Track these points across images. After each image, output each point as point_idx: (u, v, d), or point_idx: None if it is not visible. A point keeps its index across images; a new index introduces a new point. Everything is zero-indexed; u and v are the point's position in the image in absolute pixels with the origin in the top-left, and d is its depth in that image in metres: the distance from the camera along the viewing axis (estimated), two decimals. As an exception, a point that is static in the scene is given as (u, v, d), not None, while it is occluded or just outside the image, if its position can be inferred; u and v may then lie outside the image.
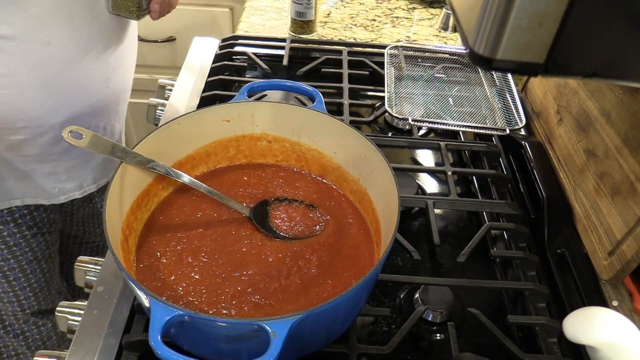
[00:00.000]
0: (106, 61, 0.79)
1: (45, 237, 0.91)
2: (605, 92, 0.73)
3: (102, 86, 0.81)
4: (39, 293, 0.96)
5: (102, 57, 0.78)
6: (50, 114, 0.75)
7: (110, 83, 0.82)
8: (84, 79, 0.77)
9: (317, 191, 0.70)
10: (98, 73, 0.79)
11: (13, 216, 0.83)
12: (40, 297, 0.97)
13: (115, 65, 0.82)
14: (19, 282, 0.92)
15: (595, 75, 0.35)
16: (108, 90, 0.83)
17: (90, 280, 0.69)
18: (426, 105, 0.93)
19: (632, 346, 0.54)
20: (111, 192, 0.56)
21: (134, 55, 0.89)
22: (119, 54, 0.83)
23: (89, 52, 0.76)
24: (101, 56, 0.78)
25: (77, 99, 0.78)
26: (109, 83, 0.82)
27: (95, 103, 0.81)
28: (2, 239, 0.85)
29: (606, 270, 0.67)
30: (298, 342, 0.49)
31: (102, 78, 0.80)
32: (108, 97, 0.83)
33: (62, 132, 0.56)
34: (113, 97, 0.85)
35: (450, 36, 1.26)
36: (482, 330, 0.63)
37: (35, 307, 0.96)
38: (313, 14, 1.17)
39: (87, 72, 0.77)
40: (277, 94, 0.97)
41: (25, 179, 0.81)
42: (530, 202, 0.81)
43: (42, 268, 0.94)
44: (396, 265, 0.73)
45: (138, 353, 0.59)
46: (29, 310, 0.96)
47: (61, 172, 0.83)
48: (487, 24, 0.33)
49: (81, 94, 0.78)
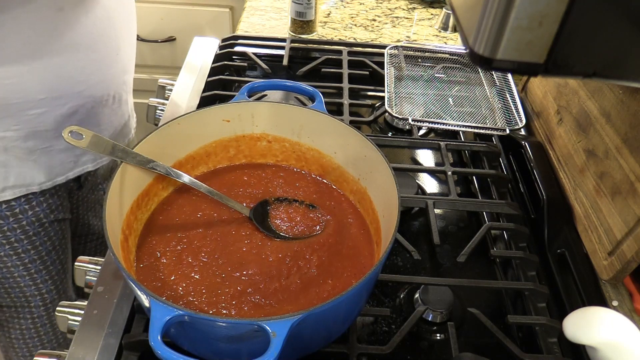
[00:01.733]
0: (116, 29, 0.81)
1: (61, 224, 0.92)
2: (605, 92, 0.73)
3: (113, 54, 0.82)
4: (59, 286, 0.96)
5: (112, 25, 0.80)
6: (68, 84, 0.77)
7: (120, 51, 0.84)
8: (97, 46, 0.79)
9: (317, 191, 0.70)
10: (109, 40, 0.80)
11: (30, 204, 0.84)
12: (61, 290, 0.97)
13: (124, 34, 0.84)
14: (41, 275, 0.92)
15: (595, 75, 0.35)
16: (118, 59, 0.84)
17: (90, 280, 0.69)
18: (426, 105, 0.93)
19: (632, 346, 0.54)
20: (111, 192, 0.56)
21: (135, 26, 0.91)
22: (127, 23, 0.85)
23: (101, 20, 0.77)
24: (112, 24, 0.80)
25: (92, 67, 0.79)
26: (119, 52, 0.84)
27: (106, 72, 0.82)
28: (21, 228, 0.85)
29: (606, 270, 0.67)
30: (298, 342, 0.50)
31: (114, 45, 0.82)
32: (118, 66, 0.85)
33: (62, 133, 0.56)
34: (122, 67, 0.87)
35: (450, 36, 1.26)
36: (482, 330, 0.63)
37: (56, 300, 0.97)
38: (313, 14, 1.17)
39: (101, 39, 0.79)
40: (277, 94, 0.97)
41: (42, 159, 0.81)
42: (530, 202, 0.81)
43: (60, 259, 0.94)
44: (396, 265, 0.73)
45: (138, 353, 0.59)
46: (50, 305, 0.96)
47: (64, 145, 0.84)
48: (487, 24, 0.33)
49: (94, 62, 0.79)
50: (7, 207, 0.82)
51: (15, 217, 0.83)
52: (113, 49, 0.82)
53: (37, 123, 0.77)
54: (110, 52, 0.82)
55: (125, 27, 0.85)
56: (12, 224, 0.83)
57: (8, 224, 0.83)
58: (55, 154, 0.82)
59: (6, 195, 0.80)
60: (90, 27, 0.76)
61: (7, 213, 0.82)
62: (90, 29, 0.76)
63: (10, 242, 0.85)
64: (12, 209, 0.82)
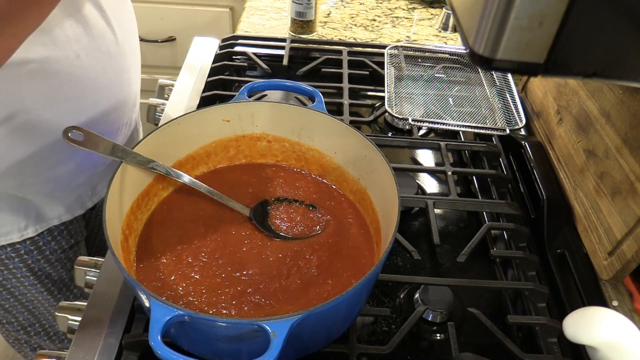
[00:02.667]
0: (127, 59, 0.80)
1: (80, 245, 0.92)
2: (605, 92, 0.73)
3: (126, 86, 0.82)
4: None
5: (124, 58, 0.79)
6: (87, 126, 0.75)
7: (132, 81, 0.84)
8: (112, 86, 0.77)
9: (317, 191, 0.70)
10: (122, 73, 0.80)
11: (52, 234, 0.84)
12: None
13: (133, 62, 0.83)
14: (63, 294, 0.92)
15: (595, 75, 0.35)
16: (130, 90, 0.84)
17: (90, 280, 0.69)
18: (426, 105, 0.93)
19: (632, 346, 0.54)
20: (111, 192, 0.56)
21: (138, 44, 0.90)
22: (134, 48, 0.84)
23: (115, 57, 0.76)
24: (124, 57, 0.79)
25: (107, 105, 0.77)
26: (131, 82, 0.83)
27: (122, 107, 0.82)
28: (44, 258, 0.85)
29: (606, 270, 0.67)
30: (298, 342, 0.50)
31: (126, 78, 0.81)
32: (130, 96, 0.85)
33: (61, 133, 0.56)
34: (133, 95, 0.86)
35: (450, 36, 1.26)
36: (482, 330, 0.63)
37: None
38: (313, 14, 1.17)
39: (115, 76, 0.78)
40: (277, 94, 0.97)
41: (62, 196, 0.81)
42: (530, 202, 0.81)
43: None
44: (396, 265, 0.73)
45: (138, 353, 0.59)
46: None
47: (94, 176, 0.84)
48: (487, 24, 0.33)
49: (110, 100, 0.78)
50: (31, 242, 0.81)
51: (39, 249, 0.83)
52: (126, 82, 0.81)
53: (56, 168, 0.76)
54: (124, 86, 0.81)
55: (133, 55, 0.84)
56: (36, 256, 0.83)
57: (32, 257, 0.83)
58: (74, 189, 0.81)
59: (29, 232, 0.80)
60: (106, 67, 0.75)
61: (31, 248, 0.82)
62: (106, 69, 0.75)
63: (35, 272, 0.85)
64: (36, 243, 0.82)
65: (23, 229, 0.79)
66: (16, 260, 0.82)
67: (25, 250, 0.82)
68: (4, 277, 0.83)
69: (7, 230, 0.77)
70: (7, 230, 0.78)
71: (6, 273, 0.83)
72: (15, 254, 0.81)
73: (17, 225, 0.78)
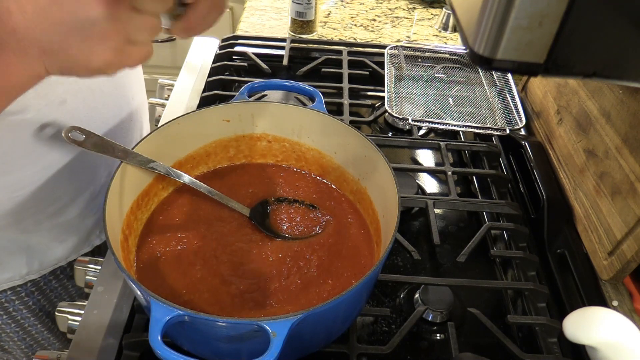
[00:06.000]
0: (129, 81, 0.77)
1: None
2: (605, 92, 0.73)
3: (124, 105, 0.77)
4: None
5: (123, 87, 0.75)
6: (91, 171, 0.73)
7: (133, 100, 0.80)
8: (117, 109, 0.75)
9: (317, 191, 0.70)
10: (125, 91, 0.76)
11: (55, 274, 0.81)
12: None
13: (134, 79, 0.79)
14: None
15: (595, 75, 0.35)
16: (130, 107, 0.79)
17: (90, 280, 0.69)
18: (426, 105, 0.93)
19: (632, 346, 0.54)
20: (111, 192, 0.55)
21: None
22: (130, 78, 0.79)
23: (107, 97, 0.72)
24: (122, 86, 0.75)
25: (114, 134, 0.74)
26: (135, 97, 0.80)
27: (120, 124, 0.77)
28: (45, 298, 0.82)
29: (606, 270, 0.67)
30: (298, 342, 0.50)
31: (129, 95, 0.77)
32: (133, 112, 0.81)
33: (62, 133, 0.56)
34: (136, 110, 0.82)
35: (450, 36, 1.26)
36: (482, 330, 0.63)
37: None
38: (313, 14, 1.17)
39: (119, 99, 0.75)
40: (277, 94, 0.97)
41: (69, 239, 0.77)
42: (530, 202, 0.81)
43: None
44: (396, 265, 0.73)
45: (138, 353, 0.59)
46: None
47: (90, 223, 0.80)
48: (487, 24, 0.33)
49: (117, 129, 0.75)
50: (32, 284, 0.78)
51: (41, 290, 0.80)
52: (128, 98, 0.77)
53: (60, 215, 0.73)
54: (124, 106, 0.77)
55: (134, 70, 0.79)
56: (37, 296, 0.81)
57: (33, 298, 0.80)
58: (82, 229, 0.78)
59: (32, 276, 0.77)
60: (99, 107, 0.70)
61: (32, 289, 0.79)
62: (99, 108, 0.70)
63: (35, 312, 0.82)
64: (37, 284, 0.79)
65: (25, 274, 0.75)
66: (16, 303, 0.79)
67: (26, 293, 0.78)
68: (3, 321, 0.80)
69: (10, 275, 0.74)
70: (10, 276, 0.74)
71: (5, 318, 0.79)
72: (15, 297, 0.78)
73: (19, 272, 0.74)
